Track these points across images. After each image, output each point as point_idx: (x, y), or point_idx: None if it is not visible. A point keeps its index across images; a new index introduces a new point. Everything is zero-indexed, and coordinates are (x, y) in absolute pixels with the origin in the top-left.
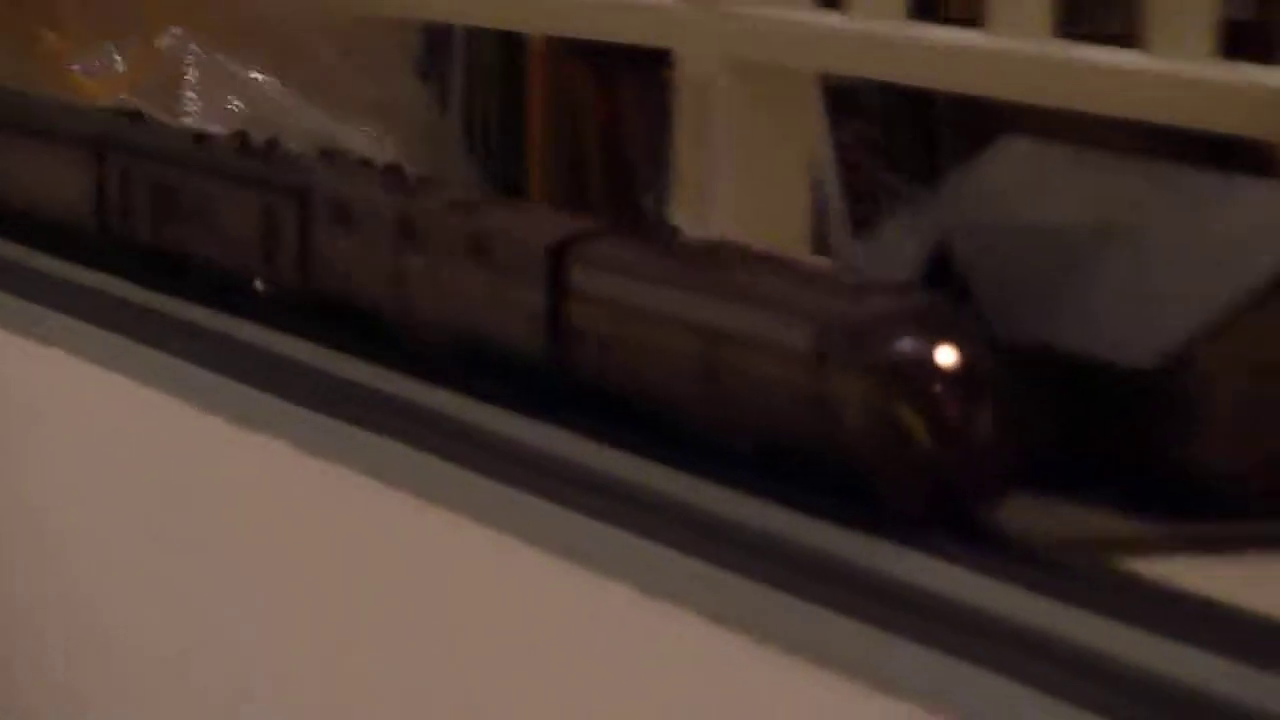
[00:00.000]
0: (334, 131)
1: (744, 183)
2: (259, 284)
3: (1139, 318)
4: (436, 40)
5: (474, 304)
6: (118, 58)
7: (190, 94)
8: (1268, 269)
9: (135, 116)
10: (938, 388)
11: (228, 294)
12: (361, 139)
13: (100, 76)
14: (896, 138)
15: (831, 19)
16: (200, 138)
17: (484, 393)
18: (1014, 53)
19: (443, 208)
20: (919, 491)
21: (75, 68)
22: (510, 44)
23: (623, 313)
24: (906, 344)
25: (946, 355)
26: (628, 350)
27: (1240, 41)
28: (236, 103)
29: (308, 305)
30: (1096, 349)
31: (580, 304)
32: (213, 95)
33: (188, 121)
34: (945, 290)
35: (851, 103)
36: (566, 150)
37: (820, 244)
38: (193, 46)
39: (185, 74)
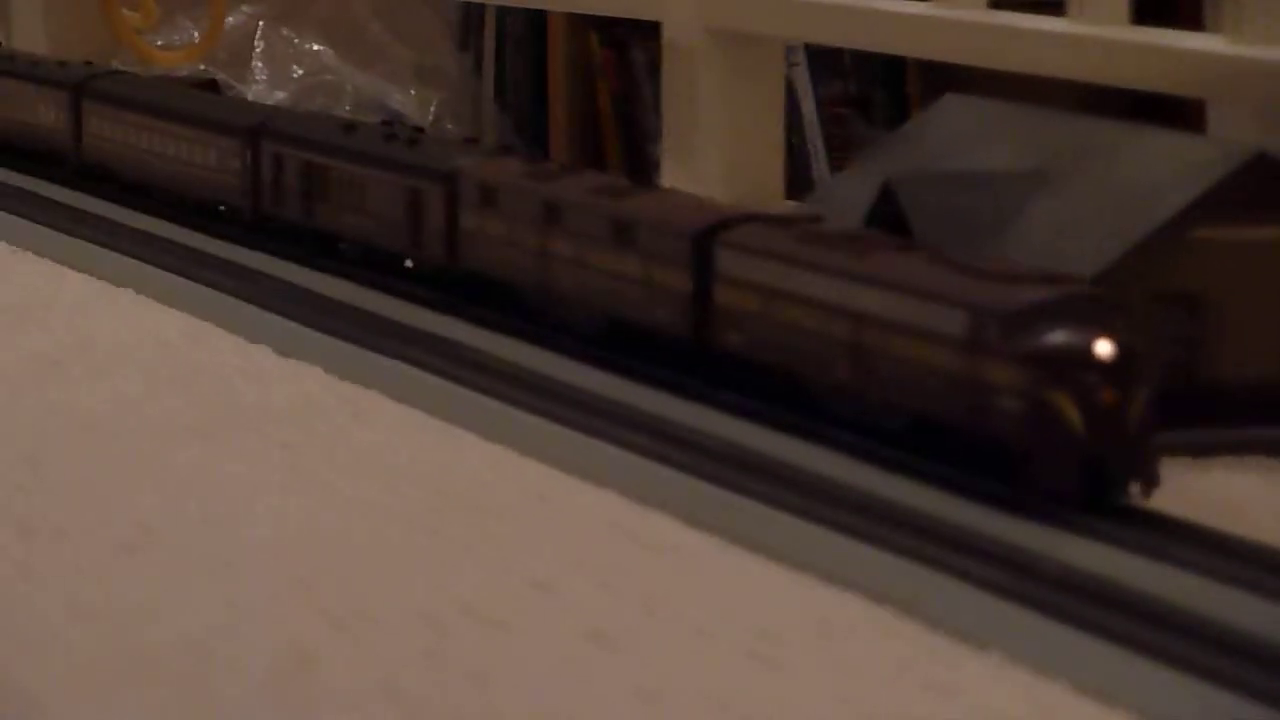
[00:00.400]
0: (383, 93)
1: (724, 135)
2: (409, 262)
3: (1059, 251)
4: (471, 13)
5: (618, 284)
6: (195, 32)
7: (258, 63)
8: (1174, 208)
9: (211, 84)
10: (1094, 375)
11: (375, 270)
12: (407, 100)
13: (176, 49)
14: (872, 95)
15: None
16: (350, 126)
17: (627, 368)
18: (955, 20)
19: (587, 193)
20: (1074, 475)
21: (157, 42)
22: (534, 17)
23: (772, 296)
24: (1063, 332)
25: (1102, 344)
26: (776, 332)
27: (1154, 9)
28: (298, 70)
29: (454, 282)
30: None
31: (727, 287)
32: (277, 64)
33: (256, 87)
34: (888, 226)
35: (833, 65)
36: (582, 109)
37: (800, 187)
38: (260, 21)
39: (254, 45)
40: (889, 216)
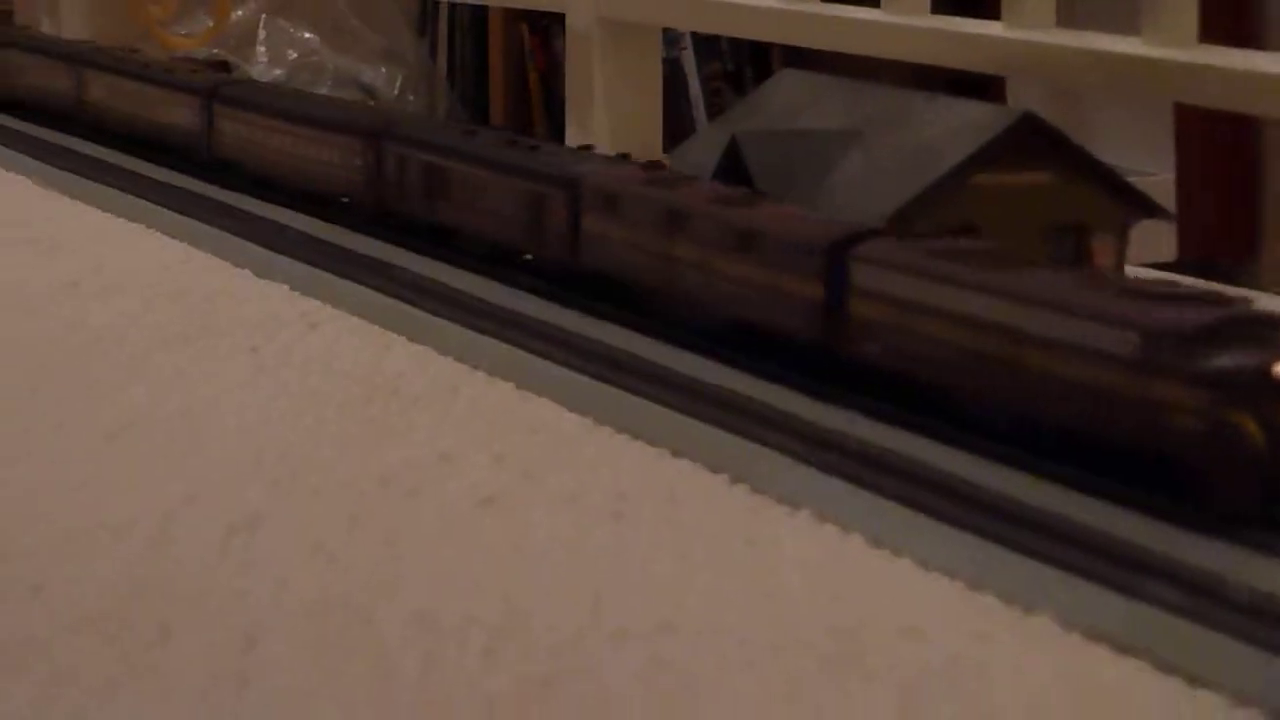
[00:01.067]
0: (358, 72)
1: (613, 101)
2: (528, 256)
3: (868, 194)
4: (428, 8)
5: (745, 290)
6: (209, 21)
7: (260, 47)
8: (957, 159)
9: (223, 65)
10: (1272, 395)
11: (492, 263)
12: (377, 76)
13: (191, 36)
14: (743, 72)
15: None
16: (470, 131)
17: (751, 367)
18: (797, 11)
19: (712, 202)
20: (1252, 492)
21: (179, 30)
22: (477, 11)
23: (917, 309)
24: (1241, 353)
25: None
26: (920, 343)
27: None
28: (292, 54)
29: (573, 279)
30: (839, 216)
31: (862, 299)
32: (276, 48)
33: (259, 67)
34: (734, 174)
35: (713, 48)
36: (515, 84)
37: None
38: (262, 15)
39: (258, 34)
40: (735, 167)
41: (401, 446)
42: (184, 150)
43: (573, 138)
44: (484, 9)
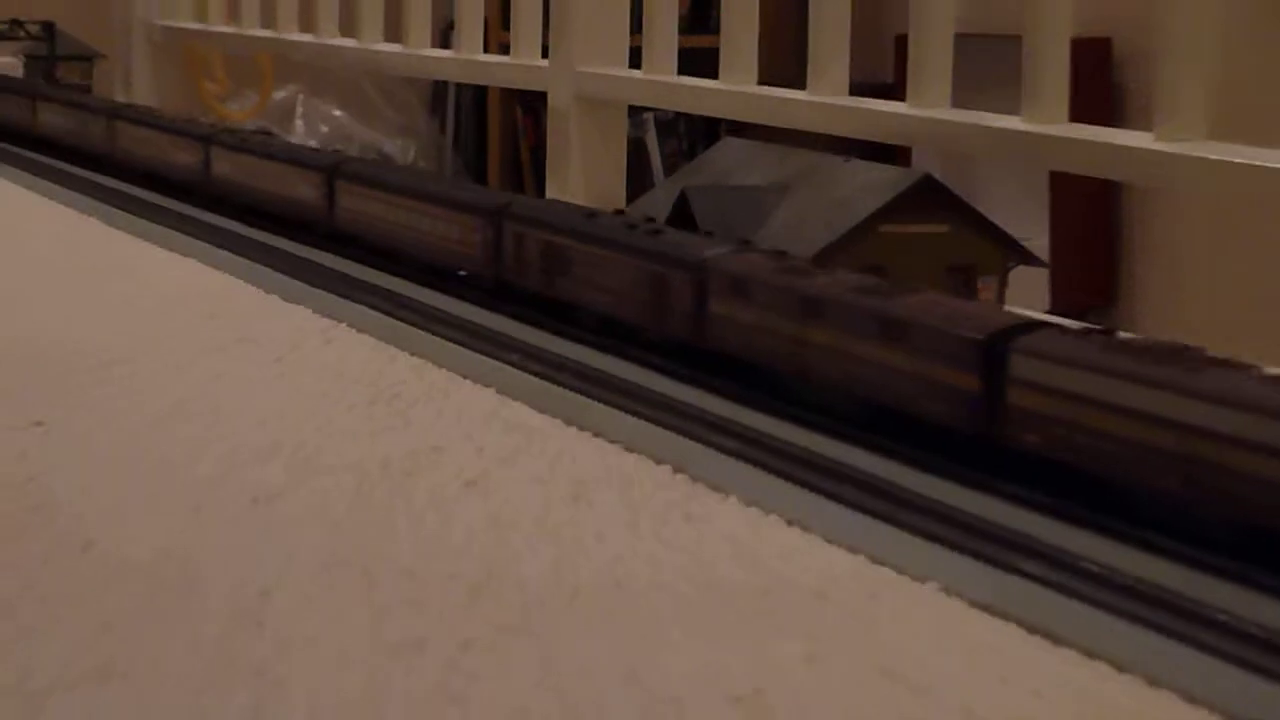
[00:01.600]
0: (378, 142)
1: (585, 165)
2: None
3: (795, 239)
4: (438, 90)
5: (888, 377)
6: (255, 98)
7: (299, 121)
8: (867, 211)
9: (267, 134)
10: None
11: (613, 338)
12: (394, 147)
13: (241, 109)
14: (695, 147)
15: (634, 74)
16: (591, 214)
17: (895, 452)
18: (734, 93)
19: (850, 291)
20: None
21: (230, 105)
22: (479, 93)
23: (1084, 403)
24: None
25: None
26: (1085, 437)
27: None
28: (324, 127)
29: (698, 356)
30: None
31: (1022, 390)
32: (311, 122)
33: (297, 138)
34: (682, 221)
35: (672, 129)
36: (509, 154)
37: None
38: (300, 95)
39: (296, 110)
40: (683, 214)
41: (400, 438)
42: (305, 224)
43: (551, 192)
44: (485, 93)
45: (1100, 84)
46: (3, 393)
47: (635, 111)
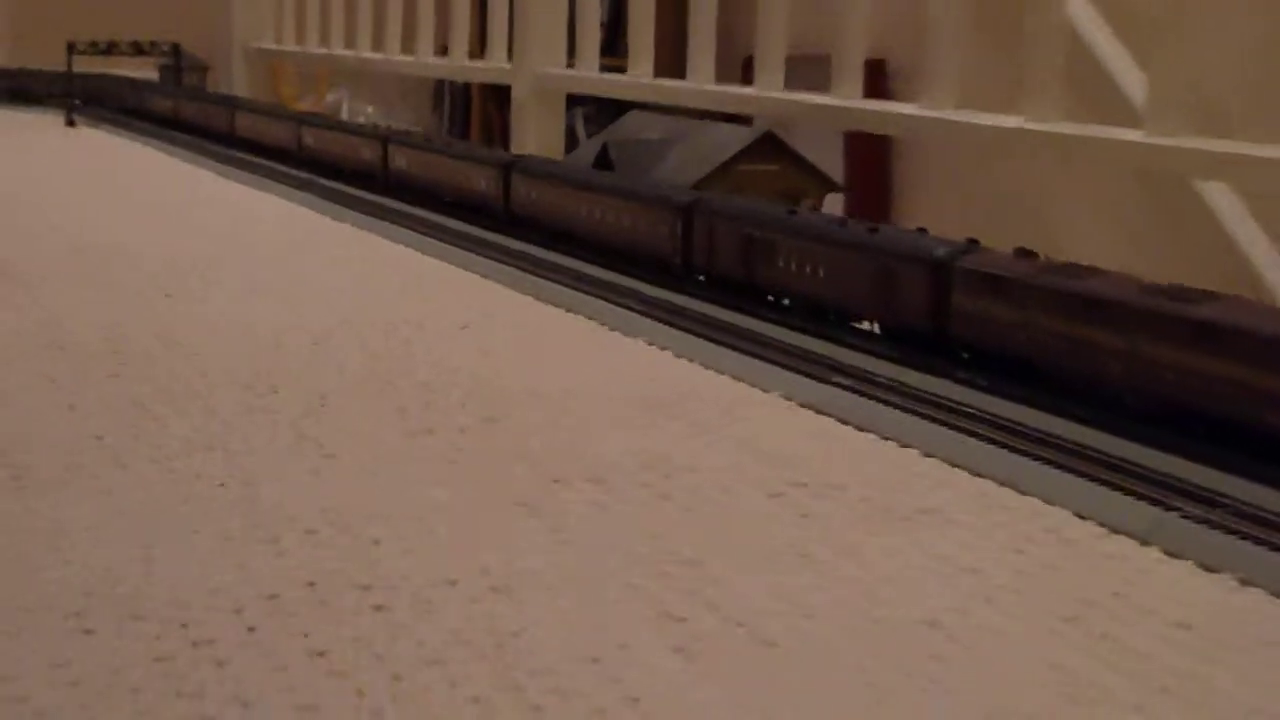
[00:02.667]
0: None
1: (537, 138)
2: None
3: (680, 174)
4: (439, 91)
5: (1197, 382)
6: (313, 98)
7: (345, 114)
8: (726, 156)
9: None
10: None
11: (821, 322)
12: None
13: (307, 106)
14: (605, 116)
15: (570, 74)
16: (792, 211)
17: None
18: (637, 83)
19: (1145, 293)
20: None
21: (299, 102)
22: (468, 95)
23: None
24: None
25: None
26: None
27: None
28: (360, 119)
29: (937, 347)
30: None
31: None
32: (352, 115)
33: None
34: (602, 164)
35: (593, 117)
36: (486, 136)
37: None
38: (345, 95)
39: (342, 107)
40: (604, 160)
41: (416, 301)
42: (483, 210)
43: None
44: (469, 96)
45: (879, 93)
46: (146, 277)
47: (569, 105)
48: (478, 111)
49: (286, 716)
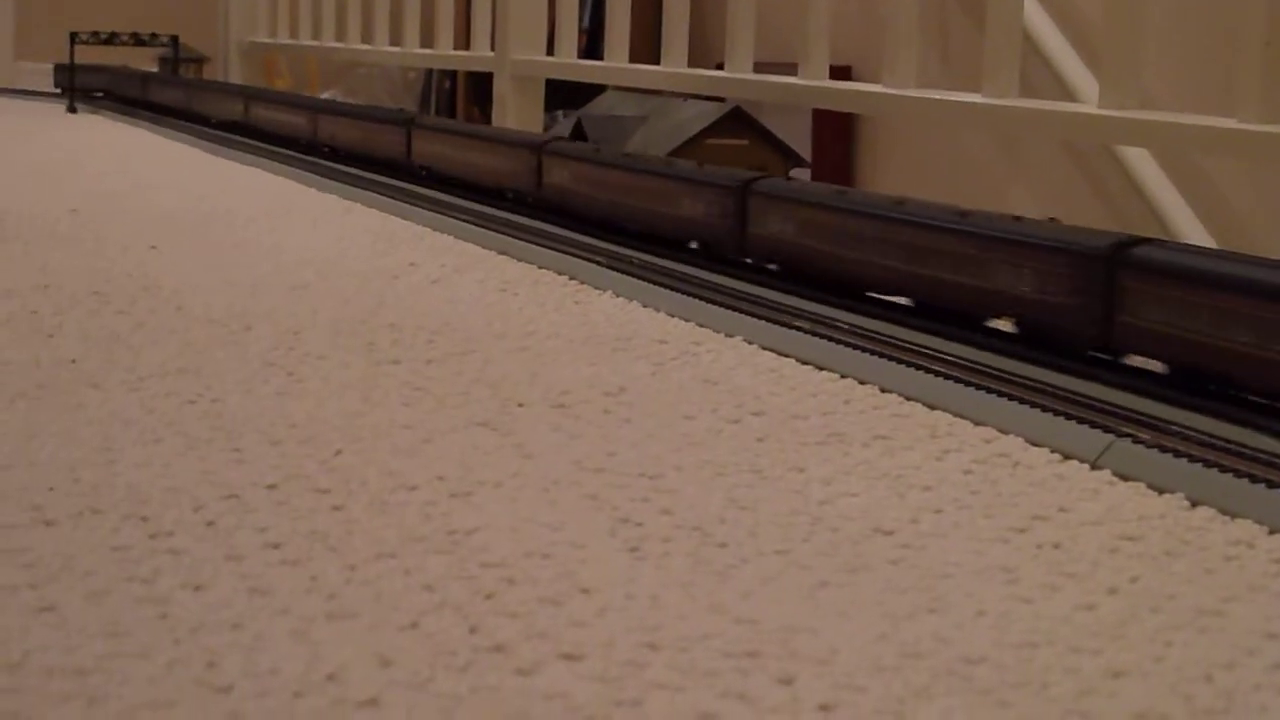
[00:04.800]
0: None
1: (517, 118)
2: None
3: (653, 147)
4: (426, 85)
5: None
6: (305, 93)
7: None
8: (696, 130)
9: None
10: None
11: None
12: None
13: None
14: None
15: (549, 60)
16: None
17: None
18: (614, 68)
19: None
20: None
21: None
22: (453, 91)
23: None
24: None
25: None
26: None
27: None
28: None
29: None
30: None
31: None
32: None
33: None
34: (578, 137)
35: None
36: (473, 118)
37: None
38: (337, 94)
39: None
40: (579, 134)
41: (390, 259)
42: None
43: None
44: (454, 95)
45: None
46: (133, 234)
47: (551, 107)
48: (462, 110)
49: (239, 599)
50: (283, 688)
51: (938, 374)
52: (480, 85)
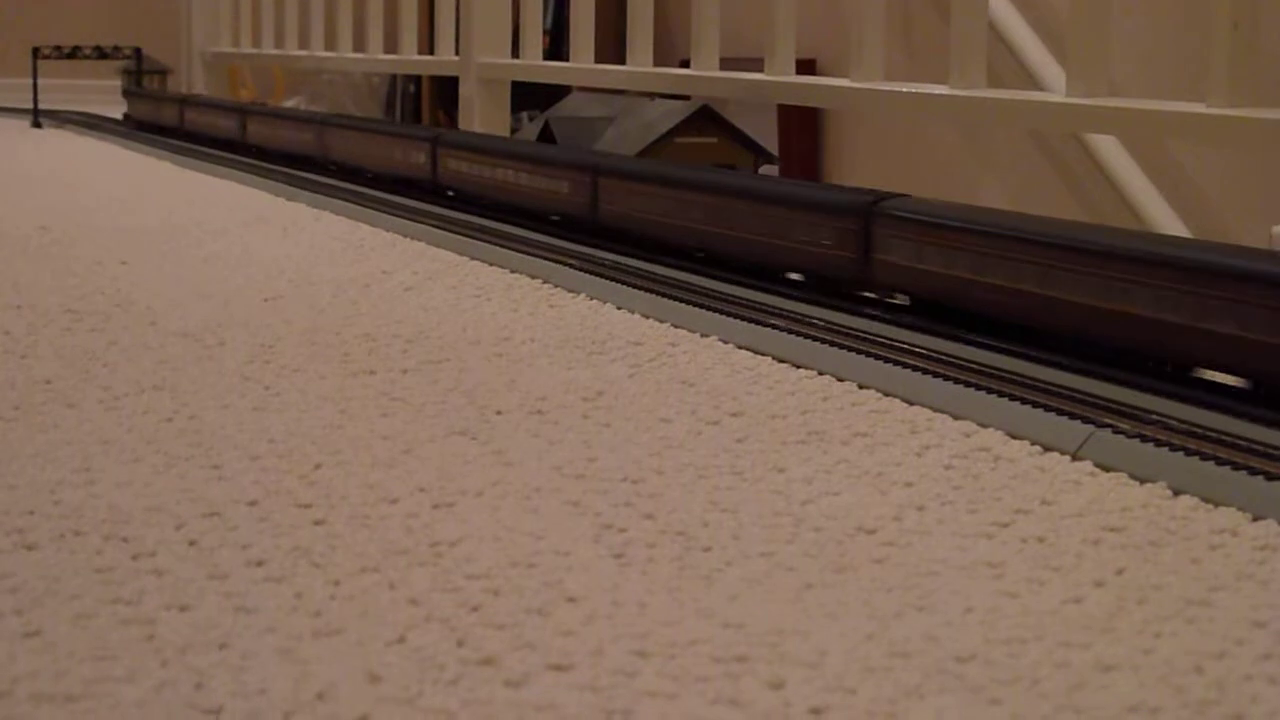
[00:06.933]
0: None
1: (484, 121)
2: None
3: (621, 148)
4: (390, 93)
5: None
6: (270, 102)
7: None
8: (667, 129)
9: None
10: None
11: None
12: None
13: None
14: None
15: (514, 63)
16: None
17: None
18: (579, 68)
19: None
20: None
21: (258, 104)
22: (418, 96)
23: None
24: None
25: None
26: None
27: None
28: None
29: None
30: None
31: None
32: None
33: None
34: (545, 138)
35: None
36: (440, 122)
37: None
38: (301, 100)
39: (298, 106)
40: (547, 136)
41: (362, 266)
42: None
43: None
44: (419, 101)
45: None
46: (104, 249)
47: (516, 109)
48: (428, 116)
49: (224, 619)
50: (272, 708)
51: (914, 368)
52: (445, 89)
